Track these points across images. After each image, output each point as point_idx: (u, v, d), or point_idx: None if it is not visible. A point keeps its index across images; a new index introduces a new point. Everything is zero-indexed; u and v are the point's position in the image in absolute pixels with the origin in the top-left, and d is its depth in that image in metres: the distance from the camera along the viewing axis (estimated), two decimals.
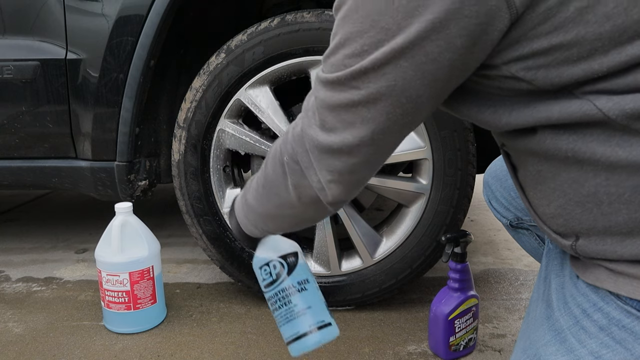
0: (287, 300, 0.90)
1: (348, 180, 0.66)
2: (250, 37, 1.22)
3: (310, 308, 0.90)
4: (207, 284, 1.55)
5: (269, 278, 0.92)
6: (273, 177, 0.73)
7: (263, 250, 0.92)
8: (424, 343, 1.20)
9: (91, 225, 2.13)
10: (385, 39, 0.54)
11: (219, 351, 1.18)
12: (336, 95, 0.60)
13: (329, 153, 0.64)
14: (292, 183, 0.70)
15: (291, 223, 0.78)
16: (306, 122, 0.66)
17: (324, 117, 0.62)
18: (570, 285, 0.66)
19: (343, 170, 0.64)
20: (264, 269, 0.91)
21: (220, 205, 1.33)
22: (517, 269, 1.63)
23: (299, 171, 0.68)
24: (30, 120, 1.35)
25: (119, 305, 1.24)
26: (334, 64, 0.60)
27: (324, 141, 0.63)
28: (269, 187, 0.75)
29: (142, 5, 1.23)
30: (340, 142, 0.62)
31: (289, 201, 0.72)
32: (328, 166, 0.65)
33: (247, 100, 1.26)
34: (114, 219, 1.24)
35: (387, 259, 1.31)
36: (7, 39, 1.33)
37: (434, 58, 0.54)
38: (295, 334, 0.88)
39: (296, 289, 0.91)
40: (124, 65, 1.26)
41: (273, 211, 0.77)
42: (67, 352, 1.19)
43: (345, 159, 0.63)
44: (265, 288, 0.92)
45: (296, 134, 0.68)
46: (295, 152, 0.68)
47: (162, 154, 1.50)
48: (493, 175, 1.06)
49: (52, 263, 1.74)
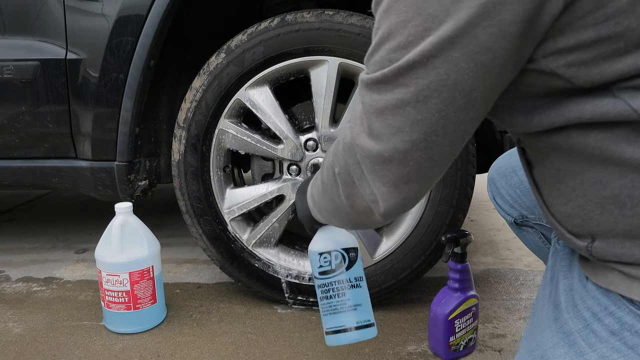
0: (341, 293, 0.91)
1: (403, 191, 0.61)
2: (250, 37, 1.22)
3: (360, 305, 0.92)
4: (207, 284, 1.55)
5: (327, 266, 0.92)
6: (327, 184, 0.73)
7: (325, 237, 0.93)
8: (424, 343, 1.20)
9: (91, 225, 2.13)
10: (432, 27, 0.50)
11: (219, 351, 1.18)
12: (383, 97, 0.56)
13: (380, 162, 0.59)
14: (344, 193, 0.68)
15: (349, 224, 0.78)
16: (355, 131, 0.62)
17: (371, 124, 0.58)
18: (580, 288, 0.64)
19: (397, 180, 0.60)
20: (324, 256, 0.92)
21: (220, 205, 1.33)
22: (517, 269, 1.63)
23: (351, 183, 0.66)
24: (30, 120, 1.35)
25: (119, 305, 1.24)
26: (377, 62, 0.56)
27: (373, 150, 0.59)
28: (325, 191, 0.75)
29: (142, 5, 1.23)
30: (391, 149, 0.58)
31: (343, 208, 0.71)
32: (382, 177, 0.60)
33: (247, 100, 1.26)
34: (114, 219, 1.24)
35: (387, 259, 1.31)
36: (7, 39, 1.32)
37: (488, 47, 0.50)
38: (339, 327, 0.90)
39: (351, 284, 0.92)
40: (124, 65, 1.26)
41: (332, 211, 0.76)
42: (67, 352, 1.19)
43: (398, 166, 0.59)
44: (320, 275, 0.92)
45: (346, 145, 0.64)
46: (347, 164, 0.65)
47: (162, 154, 1.50)
48: (498, 171, 1.04)
49: (52, 263, 1.74)
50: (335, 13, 1.20)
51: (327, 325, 0.92)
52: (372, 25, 1.20)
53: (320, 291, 0.93)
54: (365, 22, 1.19)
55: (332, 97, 1.23)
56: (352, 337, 0.91)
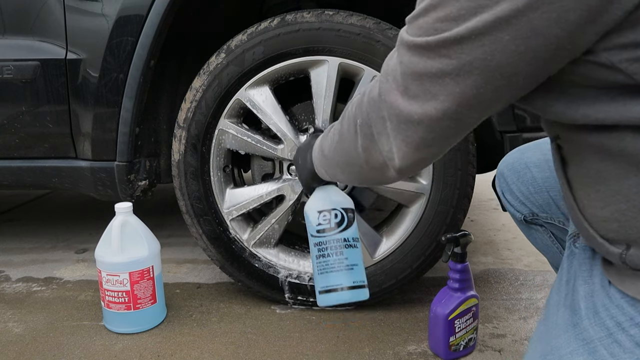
0: (338, 252, 0.90)
1: (422, 153, 0.63)
2: (250, 37, 1.22)
3: (356, 265, 0.91)
4: (207, 284, 1.55)
5: (326, 224, 0.91)
6: (346, 135, 0.73)
7: (323, 197, 0.93)
8: (424, 343, 1.20)
9: (91, 225, 2.13)
10: (487, 4, 0.48)
11: (219, 351, 1.18)
12: (422, 63, 0.55)
13: (408, 123, 0.60)
14: (362, 145, 0.69)
15: (358, 180, 0.79)
16: (386, 87, 0.62)
17: (407, 84, 0.58)
18: (602, 295, 0.62)
19: (420, 142, 0.61)
20: (324, 214, 0.92)
21: (220, 205, 1.33)
22: (517, 269, 1.63)
23: (370, 136, 0.67)
24: (30, 120, 1.35)
25: (119, 305, 1.24)
26: (422, 27, 0.54)
27: (404, 109, 0.59)
28: (341, 142, 0.75)
29: (142, 5, 1.23)
30: (422, 113, 0.58)
31: (357, 161, 0.72)
32: (405, 136, 0.61)
33: (247, 100, 1.26)
34: (114, 219, 1.24)
35: (387, 259, 1.31)
36: (7, 39, 1.32)
37: (541, 32, 0.48)
38: (334, 286, 0.90)
39: (348, 243, 0.91)
40: (124, 65, 1.26)
41: (342, 165, 0.77)
42: (67, 352, 1.19)
43: (424, 131, 0.59)
44: (318, 233, 0.92)
45: (372, 99, 0.65)
46: (369, 117, 0.66)
47: (162, 154, 1.50)
48: (510, 167, 1.01)
49: (52, 263, 1.74)
50: (335, 13, 1.20)
51: (321, 284, 0.91)
52: (372, 26, 1.20)
53: (316, 249, 0.92)
54: (365, 22, 1.19)
55: (332, 97, 1.22)
56: (345, 297, 0.90)
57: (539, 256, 1.71)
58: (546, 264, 1.61)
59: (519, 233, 1.95)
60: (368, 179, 0.76)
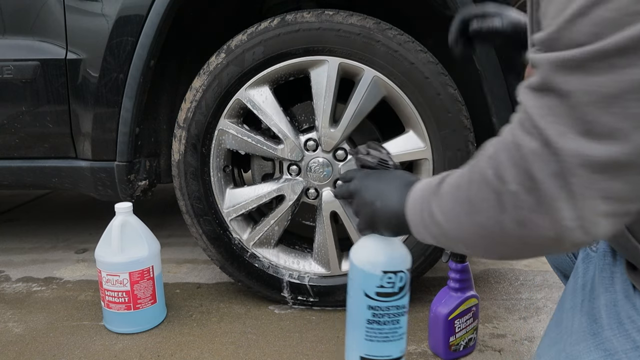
0: (394, 320, 0.79)
1: (629, 209, 0.47)
2: (250, 37, 1.22)
3: (405, 333, 0.81)
4: (207, 284, 1.55)
5: (389, 289, 0.77)
6: (479, 205, 0.54)
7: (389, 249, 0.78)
8: (424, 343, 1.20)
9: (91, 225, 2.13)
10: None
11: (219, 351, 1.18)
12: (616, 78, 0.41)
13: (608, 171, 0.44)
14: (513, 219, 0.50)
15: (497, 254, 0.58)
16: (552, 132, 0.46)
17: (592, 118, 0.43)
18: (626, 305, 0.59)
19: (630, 193, 0.45)
20: (389, 277, 0.77)
21: (220, 205, 1.33)
22: (517, 269, 1.63)
23: (533, 205, 0.48)
24: (30, 120, 1.35)
25: (119, 305, 1.24)
26: (585, 32, 0.42)
27: (597, 154, 0.44)
28: (472, 215, 0.55)
29: (142, 5, 1.23)
30: (632, 149, 0.43)
31: (504, 240, 0.53)
32: (605, 191, 0.45)
33: (247, 101, 1.26)
34: (114, 219, 1.24)
35: None
36: (7, 39, 1.32)
37: None
38: (382, 357, 0.79)
39: (405, 310, 0.80)
40: (124, 65, 1.26)
41: (472, 241, 0.57)
42: (67, 352, 1.19)
43: (637, 174, 0.45)
44: (378, 297, 0.77)
45: (527, 154, 0.48)
46: (528, 178, 0.48)
47: (162, 154, 1.50)
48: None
49: (52, 263, 1.74)
50: (335, 13, 1.20)
51: (367, 352, 0.79)
52: (372, 26, 1.20)
53: (370, 313, 0.78)
54: (365, 22, 1.19)
55: (332, 97, 1.22)
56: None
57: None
58: (546, 264, 1.61)
59: None
60: (519, 256, 0.57)
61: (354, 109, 1.23)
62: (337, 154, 1.27)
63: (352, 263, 0.80)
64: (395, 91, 1.22)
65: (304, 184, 1.29)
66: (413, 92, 1.21)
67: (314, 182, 1.29)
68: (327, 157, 1.27)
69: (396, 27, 1.21)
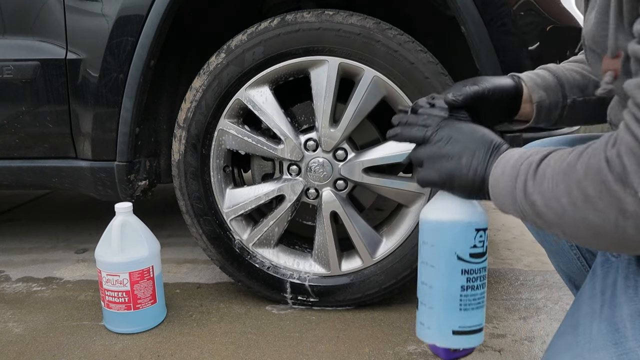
0: (483, 284, 0.71)
1: None
2: (250, 37, 1.22)
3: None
4: (207, 284, 1.55)
5: (480, 248, 0.70)
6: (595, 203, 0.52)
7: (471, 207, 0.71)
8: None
9: (91, 225, 2.13)
10: None
11: (219, 351, 1.18)
12: None
13: None
14: (636, 226, 0.49)
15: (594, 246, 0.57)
16: None
17: None
18: None
19: None
20: (480, 235, 0.70)
21: (220, 205, 1.33)
22: (517, 269, 1.63)
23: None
24: (30, 120, 1.35)
25: (119, 305, 1.24)
26: None
27: None
28: (578, 208, 0.53)
29: (142, 5, 1.23)
30: None
31: (616, 240, 0.52)
32: None
33: (247, 101, 1.26)
34: (114, 219, 1.24)
35: (387, 259, 1.31)
36: (7, 39, 1.32)
37: None
38: (474, 326, 0.71)
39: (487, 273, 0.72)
40: (124, 65, 1.26)
41: (568, 227, 0.56)
42: (67, 352, 1.19)
43: None
44: (471, 258, 0.70)
45: None
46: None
47: (162, 154, 1.50)
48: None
49: (52, 263, 1.74)
50: (335, 13, 1.20)
51: (460, 323, 0.71)
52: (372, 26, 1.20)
53: (464, 279, 0.70)
54: (365, 22, 1.19)
55: (332, 97, 1.22)
56: (476, 340, 0.72)
57: (539, 256, 1.71)
58: (547, 264, 1.61)
59: (518, 233, 1.95)
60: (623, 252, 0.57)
61: (354, 109, 1.23)
62: (337, 154, 1.27)
63: (438, 225, 0.72)
64: (395, 91, 1.22)
65: (304, 184, 1.29)
66: (413, 92, 1.21)
67: (314, 182, 1.29)
68: (327, 157, 1.27)
69: (396, 27, 1.21)
